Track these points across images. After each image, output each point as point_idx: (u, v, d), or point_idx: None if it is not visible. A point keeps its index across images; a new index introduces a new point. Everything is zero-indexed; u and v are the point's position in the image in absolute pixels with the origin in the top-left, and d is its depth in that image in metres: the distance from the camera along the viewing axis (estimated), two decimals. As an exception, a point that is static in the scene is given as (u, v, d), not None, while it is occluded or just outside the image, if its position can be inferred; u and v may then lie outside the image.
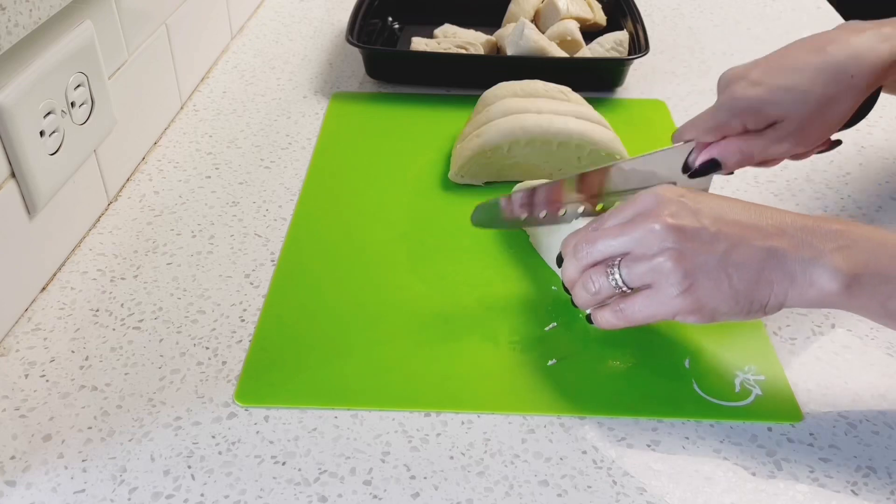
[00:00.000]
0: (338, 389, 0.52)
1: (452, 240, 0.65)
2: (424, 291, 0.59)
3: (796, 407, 0.51)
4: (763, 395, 0.52)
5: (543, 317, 0.57)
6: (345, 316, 0.57)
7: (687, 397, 0.51)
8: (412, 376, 0.53)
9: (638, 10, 0.91)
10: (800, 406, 0.51)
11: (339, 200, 0.69)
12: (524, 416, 0.50)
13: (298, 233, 0.65)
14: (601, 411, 0.50)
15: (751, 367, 0.54)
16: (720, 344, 0.55)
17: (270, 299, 0.58)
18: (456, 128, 0.77)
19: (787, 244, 0.46)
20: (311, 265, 0.62)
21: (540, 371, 0.53)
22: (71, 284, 0.60)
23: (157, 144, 0.77)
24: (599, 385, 0.52)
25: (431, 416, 0.50)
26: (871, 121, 0.82)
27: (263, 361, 0.53)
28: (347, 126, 0.79)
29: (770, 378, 0.53)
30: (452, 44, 0.86)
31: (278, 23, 1.02)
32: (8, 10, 0.50)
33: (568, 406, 0.51)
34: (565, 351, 0.55)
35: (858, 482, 0.47)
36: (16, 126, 0.53)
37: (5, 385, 0.52)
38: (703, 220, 0.47)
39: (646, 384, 0.52)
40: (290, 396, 0.51)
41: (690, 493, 0.46)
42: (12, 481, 0.46)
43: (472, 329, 0.56)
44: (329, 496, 0.45)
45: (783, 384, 0.53)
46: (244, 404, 0.50)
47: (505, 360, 0.54)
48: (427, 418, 0.50)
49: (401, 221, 0.67)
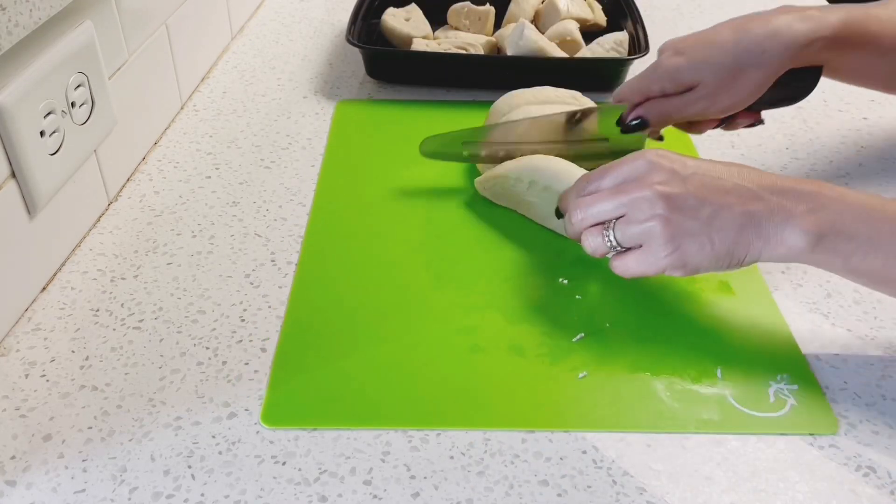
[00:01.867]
0: (363, 410, 0.50)
1: (472, 250, 0.63)
2: (445, 304, 0.58)
3: (832, 417, 0.50)
4: (798, 406, 0.51)
5: (570, 327, 0.56)
6: (366, 333, 0.55)
7: (721, 410, 0.50)
8: (437, 395, 0.51)
9: (638, 10, 0.91)
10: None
11: (354, 211, 0.68)
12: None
13: (312, 248, 0.63)
14: (635, 427, 0.49)
15: (783, 375, 0.53)
16: (751, 353, 0.54)
17: (290, 315, 0.57)
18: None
19: (764, 208, 0.50)
20: (328, 279, 0.60)
21: (569, 385, 0.52)
22: (71, 284, 0.60)
23: (158, 144, 0.77)
24: (632, 399, 0.51)
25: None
26: (872, 121, 0.82)
27: (286, 382, 0.52)
28: (355, 135, 0.79)
29: (804, 387, 0.52)
30: (452, 44, 0.86)
31: (278, 23, 1.02)
32: (8, 10, 0.50)
33: (598, 422, 0.49)
34: (595, 363, 0.53)
35: (858, 482, 0.47)
36: (16, 126, 0.53)
37: (5, 385, 0.52)
38: (689, 188, 0.51)
39: (680, 397, 0.51)
40: (316, 418, 0.49)
41: (690, 493, 0.46)
42: (12, 481, 0.46)
43: (497, 342, 0.55)
44: (329, 496, 0.45)
45: (817, 393, 0.52)
46: (271, 426, 0.49)
47: (533, 374, 0.53)
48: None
49: (418, 232, 0.65)
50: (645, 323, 0.57)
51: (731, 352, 0.54)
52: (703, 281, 0.60)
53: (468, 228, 0.66)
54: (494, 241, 0.64)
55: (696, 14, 1.07)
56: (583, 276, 0.61)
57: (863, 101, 0.86)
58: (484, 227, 0.66)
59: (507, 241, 0.64)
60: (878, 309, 0.59)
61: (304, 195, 0.70)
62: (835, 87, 0.89)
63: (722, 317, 0.57)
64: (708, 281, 0.60)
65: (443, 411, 0.50)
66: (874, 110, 0.85)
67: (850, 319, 0.58)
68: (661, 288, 0.60)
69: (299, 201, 0.69)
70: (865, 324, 0.57)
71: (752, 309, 0.58)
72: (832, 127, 0.81)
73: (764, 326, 0.56)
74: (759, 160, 0.76)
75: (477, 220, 0.67)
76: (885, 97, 0.86)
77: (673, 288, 0.60)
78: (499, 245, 0.64)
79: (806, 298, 0.60)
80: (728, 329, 0.56)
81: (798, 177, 0.73)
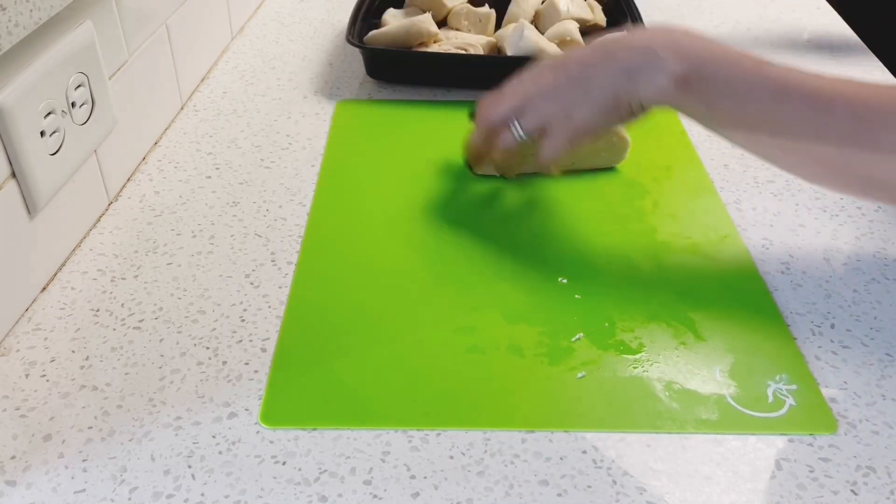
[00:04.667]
0: (362, 410, 0.50)
1: (471, 250, 0.63)
2: (444, 304, 0.58)
3: (831, 417, 0.50)
4: (797, 406, 0.51)
5: (569, 327, 0.56)
6: (365, 332, 0.55)
7: (721, 410, 0.50)
8: (436, 395, 0.51)
9: (638, 10, 0.91)
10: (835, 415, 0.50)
11: (354, 211, 0.67)
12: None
13: (312, 248, 0.63)
14: (634, 427, 0.49)
15: (782, 376, 0.53)
16: (750, 353, 0.54)
17: (289, 315, 0.57)
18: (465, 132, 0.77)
19: (635, 55, 0.56)
20: (328, 279, 0.60)
21: (568, 385, 0.52)
22: (71, 284, 0.60)
23: (158, 144, 0.77)
24: (631, 399, 0.51)
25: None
26: (871, 121, 0.82)
27: (286, 382, 0.52)
28: (355, 135, 0.79)
29: (802, 387, 0.52)
30: (453, 44, 0.86)
31: (278, 23, 1.02)
32: (8, 10, 0.50)
33: (597, 422, 0.49)
34: (594, 363, 0.53)
35: (858, 482, 0.47)
36: (16, 126, 0.53)
37: (5, 385, 0.52)
38: (570, 60, 0.59)
39: (679, 397, 0.51)
40: (315, 419, 0.49)
41: (690, 493, 0.46)
42: (12, 481, 0.46)
43: (497, 342, 0.55)
44: (329, 496, 0.45)
45: (815, 393, 0.52)
46: (271, 427, 0.49)
47: (532, 374, 0.52)
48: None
49: (417, 232, 0.65)
50: (644, 323, 0.57)
51: (729, 352, 0.54)
52: (704, 281, 0.60)
53: (468, 228, 0.66)
54: (494, 241, 0.64)
55: (696, 14, 1.07)
56: (582, 275, 0.61)
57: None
58: (483, 227, 0.66)
59: (507, 241, 0.64)
60: (878, 309, 0.59)
61: (304, 195, 0.70)
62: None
63: (721, 316, 0.57)
64: (708, 281, 0.60)
65: (442, 411, 0.50)
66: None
67: (849, 319, 0.58)
68: (661, 288, 0.60)
69: (299, 201, 0.69)
70: (865, 324, 0.57)
71: (751, 309, 0.58)
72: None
73: (763, 326, 0.56)
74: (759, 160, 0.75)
75: (476, 221, 0.66)
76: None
77: (673, 288, 0.60)
78: (498, 245, 0.64)
79: (805, 298, 0.60)
80: (727, 329, 0.56)
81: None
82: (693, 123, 0.57)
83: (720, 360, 0.54)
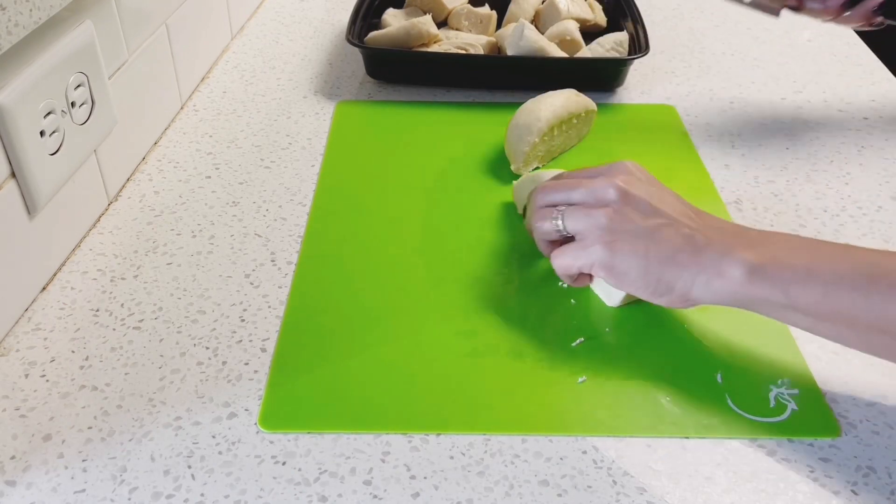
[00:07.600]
0: (361, 413, 0.50)
1: (472, 253, 0.63)
2: (445, 306, 0.58)
3: (834, 421, 0.50)
4: (799, 410, 0.50)
5: (570, 331, 0.56)
6: (365, 334, 0.55)
7: (722, 414, 0.50)
8: (436, 398, 0.51)
9: (638, 10, 0.91)
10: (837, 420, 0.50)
11: (354, 211, 0.67)
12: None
13: (312, 248, 0.63)
14: (635, 431, 0.49)
15: (784, 380, 0.52)
16: (751, 357, 0.54)
17: (289, 316, 0.57)
18: (465, 132, 0.78)
19: (705, 238, 0.50)
20: (328, 280, 0.60)
21: (569, 389, 0.52)
22: (71, 284, 0.60)
23: (158, 144, 0.77)
24: (631, 404, 0.51)
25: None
26: (872, 121, 0.82)
27: (285, 383, 0.51)
28: (354, 135, 0.78)
29: (805, 391, 0.52)
30: (453, 44, 0.86)
31: (278, 23, 1.02)
32: (8, 10, 0.50)
33: (597, 426, 0.49)
34: (594, 367, 0.53)
35: (858, 482, 0.47)
36: (16, 126, 0.53)
37: (5, 385, 0.52)
38: (648, 195, 0.52)
39: (680, 401, 0.51)
40: (314, 422, 0.49)
41: (690, 493, 0.46)
42: (12, 481, 0.46)
43: (497, 346, 0.55)
44: (329, 496, 0.45)
45: (818, 397, 0.51)
46: (270, 430, 0.49)
47: (533, 378, 0.52)
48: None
49: (418, 234, 0.65)
50: (644, 327, 0.57)
51: (731, 356, 0.54)
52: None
53: (468, 231, 0.66)
54: (494, 243, 0.64)
55: (696, 14, 1.07)
56: (583, 277, 0.61)
57: (863, 101, 0.86)
58: (484, 229, 0.66)
59: (508, 244, 0.64)
60: (879, 309, 0.59)
61: (304, 195, 0.70)
62: (835, 87, 0.89)
63: (722, 321, 0.57)
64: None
65: (442, 415, 0.50)
66: (874, 110, 0.85)
67: (850, 319, 0.58)
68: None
69: (299, 201, 0.69)
70: (865, 324, 0.57)
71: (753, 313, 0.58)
72: (832, 127, 0.81)
73: (764, 330, 0.56)
74: (759, 160, 0.76)
75: (477, 223, 0.66)
76: (885, 97, 0.86)
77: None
78: (499, 248, 0.64)
79: (806, 298, 0.59)
80: (728, 333, 0.56)
81: (798, 177, 0.73)
82: (693, 123, 0.57)
83: (721, 365, 0.54)
